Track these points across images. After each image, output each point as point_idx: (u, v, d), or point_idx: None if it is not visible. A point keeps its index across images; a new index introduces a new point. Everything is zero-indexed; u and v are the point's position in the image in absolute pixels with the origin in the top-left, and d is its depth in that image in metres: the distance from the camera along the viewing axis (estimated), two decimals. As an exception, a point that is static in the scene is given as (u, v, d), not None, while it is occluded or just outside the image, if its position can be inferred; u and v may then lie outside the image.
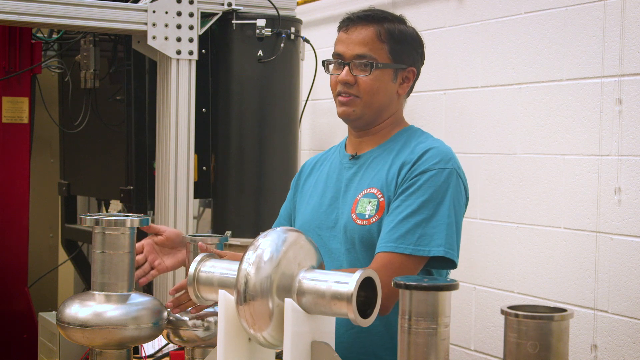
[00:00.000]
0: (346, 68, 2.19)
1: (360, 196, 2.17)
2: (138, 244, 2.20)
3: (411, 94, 2.34)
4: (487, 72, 3.43)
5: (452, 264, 2.09)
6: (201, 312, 2.02)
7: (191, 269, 1.75)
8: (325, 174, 2.33)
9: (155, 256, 2.27)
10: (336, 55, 2.23)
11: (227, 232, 3.42)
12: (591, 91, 3.01)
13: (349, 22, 2.22)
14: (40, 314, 3.11)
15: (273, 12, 3.47)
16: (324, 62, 2.28)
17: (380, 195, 2.14)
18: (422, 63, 2.30)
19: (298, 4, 3.88)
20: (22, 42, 3.70)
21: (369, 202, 2.15)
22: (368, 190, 2.17)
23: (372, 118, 2.22)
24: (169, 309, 2.00)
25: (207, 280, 1.73)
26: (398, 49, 2.20)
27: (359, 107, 2.20)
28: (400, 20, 2.26)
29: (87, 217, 1.91)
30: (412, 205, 2.07)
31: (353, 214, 2.16)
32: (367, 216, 2.13)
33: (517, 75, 3.29)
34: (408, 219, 2.06)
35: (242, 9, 3.46)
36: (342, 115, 2.24)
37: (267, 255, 1.58)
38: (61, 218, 4.41)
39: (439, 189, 2.09)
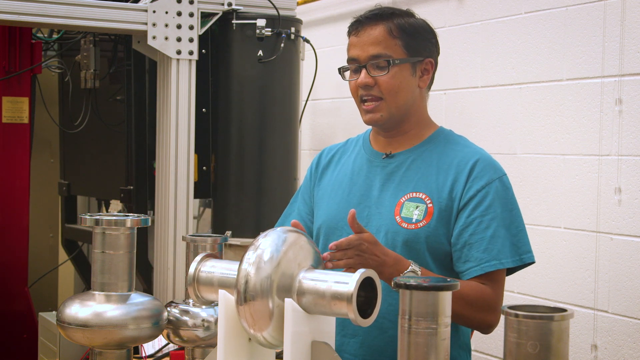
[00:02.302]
0: (363, 71, 2.17)
1: (404, 199, 2.16)
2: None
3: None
4: (487, 72, 3.43)
5: (531, 263, 2.17)
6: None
7: (191, 269, 1.75)
8: (350, 169, 2.30)
9: None
10: (351, 60, 2.21)
11: (227, 232, 3.43)
12: (591, 91, 3.01)
13: (358, 25, 2.20)
14: (40, 313, 3.11)
15: (273, 12, 3.47)
16: (339, 69, 2.26)
17: (429, 201, 2.14)
18: (437, 53, 2.29)
19: (298, 3, 3.88)
20: (22, 42, 3.70)
21: (417, 207, 2.14)
22: (414, 195, 2.16)
23: (400, 117, 2.21)
24: (168, 309, 2.00)
25: (207, 280, 1.73)
26: (412, 42, 2.19)
27: (385, 110, 2.19)
28: (408, 13, 2.24)
29: (87, 217, 1.91)
30: (494, 219, 2.11)
31: (397, 217, 2.15)
32: (414, 220, 2.13)
33: (517, 75, 3.30)
34: (497, 233, 2.10)
35: (242, 9, 3.46)
36: (369, 123, 2.23)
37: (267, 255, 1.58)
38: (61, 218, 4.40)
39: (505, 198, 2.15)
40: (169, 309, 2.00)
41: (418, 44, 2.20)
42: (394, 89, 2.17)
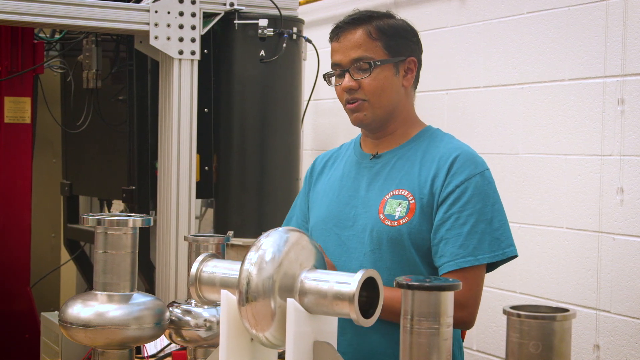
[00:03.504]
0: (347, 75, 2.20)
1: (387, 197, 2.18)
2: None
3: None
4: (489, 72, 3.43)
5: (514, 257, 2.16)
6: None
7: (193, 269, 1.75)
8: (340, 172, 2.33)
9: None
10: (334, 65, 2.24)
11: (229, 232, 3.42)
12: (593, 91, 3.01)
13: (338, 30, 2.24)
14: (42, 313, 3.11)
15: (275, 12, 3.47)
16: (324, 75, 2.29)
17: (411, 197, 2.15)
18: (420, 51, 2.30)
19: (300, 3, 3.88)
20: (25, 42, 3.71)
21: (399, 204, 2.16)
22: (397, 192, 2.17)
23: (386, 117, 2.23)
24: (171, 309, 2.00)
25: (209, 281, 1.73)
26: (392, 43, 2.21)
27: (369, 110, 2.21)
28: (387, 15, 2.26)
29: (90, 217, 1.91)
30: (472, 215, 2.11)
31: (381, 215, 2.16)
32: (396, 217, 2.15)
33: (519, 75, 3.29)
34: (474, 229, 2.10)
35: (244, 9, 3.46)
36: (355, 122, 2.25)
37: (269, 255, 1.58)
38: (63, 218, 4.41)
39: (487, 192, 2.15)
40: (171, 309, 2.00)
41: (398, 44, 2.22)
42: (378, 90, 2.19)
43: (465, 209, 2.11)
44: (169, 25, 3.29)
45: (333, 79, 2.26)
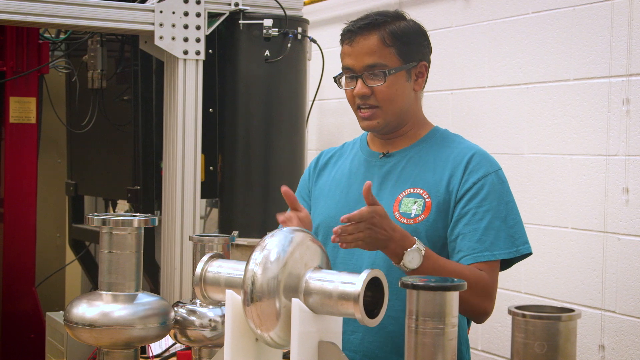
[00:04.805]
0: (359, 81, 2.18)
1: (402, 195, 2.18)
2: (290, 214, 2.15)
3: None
4: (494, 72, 3.42)
5: (529, 254, 2.19)
6: None
7: (198, 269, 1.75)
8: (347, 170, 2.32)
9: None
10: (346, 69, 2.22)
11: (234, 232, 3.43)
12: (599, 91, 3.01)
13: (351, 34, 2.20)
14: (47, 313, 3.11)
15: (280, 12, 3.47)
16: (334, 78, 2.27)
17: (427, 196, 2.16)
18: (430, 52, 2.29)
19: (305, 3, 3.88)
20: (30, 42, 3.71)
21: (414, 202, 2.17)
22: (412, 190, 2.18)
23: (397, 122, 2.23)
24: (176, 309, 2.00)
25: (214, 280, 1.73)
26: (405, 49, 2.19)
27: (381, 117, 2.20)
28: (399, 16, 2.24)
29: (95, 217, 1.91)
30: (489, 211, 2.13)
31: (396, 213, 2.17)
32: (412, 215, 2.16)
33: (524, 75, 3.29)
34: (491, 225, 2.12)
35: (249, 9, 3.46)
36: (366, 129, 2.25)
37: (273, 255, 1.58)
38: (68, 218, 4.41)
39: (501, 191, 2.17)
40: (176, 308, 2.00)
41: (411, 49, 2.21)
42: (391, 97, 2.19)
43: (483, 205, 2.13)
44: (173, 25, 3.29)
45: (343, 81, 2.25)
